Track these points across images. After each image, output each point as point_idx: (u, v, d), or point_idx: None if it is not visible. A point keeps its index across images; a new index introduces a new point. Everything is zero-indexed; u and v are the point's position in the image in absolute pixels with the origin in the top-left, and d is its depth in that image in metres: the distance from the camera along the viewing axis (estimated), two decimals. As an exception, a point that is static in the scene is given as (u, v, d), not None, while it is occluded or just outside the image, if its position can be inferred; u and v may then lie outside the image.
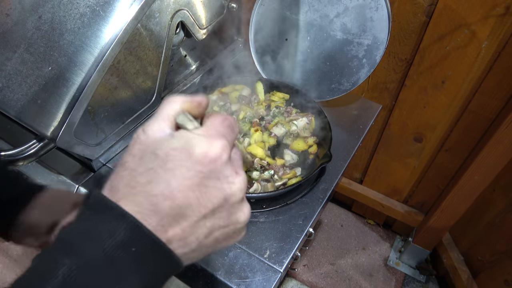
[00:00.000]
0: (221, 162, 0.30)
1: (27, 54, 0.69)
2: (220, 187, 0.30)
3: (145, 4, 0.74)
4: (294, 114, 0.92)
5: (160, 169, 0.28)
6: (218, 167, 0.29)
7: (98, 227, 0.27)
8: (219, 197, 0.30)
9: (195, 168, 0.29)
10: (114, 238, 0.27)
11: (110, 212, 0.28)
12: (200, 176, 0.29)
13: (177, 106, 0.32)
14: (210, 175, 0.29)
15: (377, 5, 0.87)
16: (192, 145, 0.29)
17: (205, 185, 0.29)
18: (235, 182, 0.31)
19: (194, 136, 0.30)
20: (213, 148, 0.29)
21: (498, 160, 1.17)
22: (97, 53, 0.70)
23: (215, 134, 0.30)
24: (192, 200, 0.29)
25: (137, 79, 0.86)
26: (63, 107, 0.70)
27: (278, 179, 0.80)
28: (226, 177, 0.30)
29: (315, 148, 0.86)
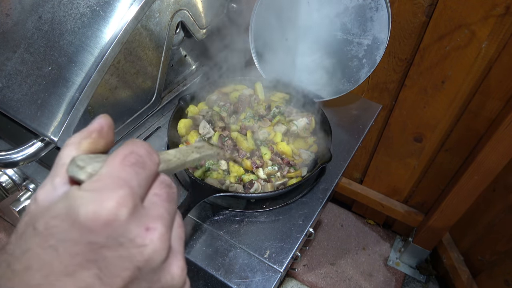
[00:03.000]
0: (119, 223, 0.22)
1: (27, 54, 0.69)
2: (126, 255, 0.22)
3: (145, 4, 0.74)
4: (294, 114, 0.92)
5: (39, 248, 0.21)
6: (117, 230, 0.22)
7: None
8: (130, 268, 0.22)
9: (84, 239, 0.21)
10: None
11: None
12: (93, 248, 0.21)
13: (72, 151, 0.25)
14: (108, 243, 0.22)
15: (377, 5, 0.87)
16: (75, 208, 0.21)
17: (103, 258, 0.22)
18: (146, 243, 0.23)
19: (79, 194, 0.22)
20: (104, 206, 0.21)
21: (498, 160, 1.17)
22: (97, 53, 0.70)
23: (109, 184, 0.22)
24: (90, 282, 0.21)
25: (137, 79, 0.86)
26: (63, 107, 0.70)
27: (280, 177, 0.80)
28: (131, 240, 0.22)
29: (315, 148, 0.86)
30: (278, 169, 0.80)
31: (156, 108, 0.97)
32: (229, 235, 0.72)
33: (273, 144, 0.85)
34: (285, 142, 0.85)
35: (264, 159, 0.82)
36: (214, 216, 0.75)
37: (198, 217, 0.75)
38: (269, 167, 0.80)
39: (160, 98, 0.97)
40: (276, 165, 0.81)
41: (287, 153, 0.83)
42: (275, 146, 0.84)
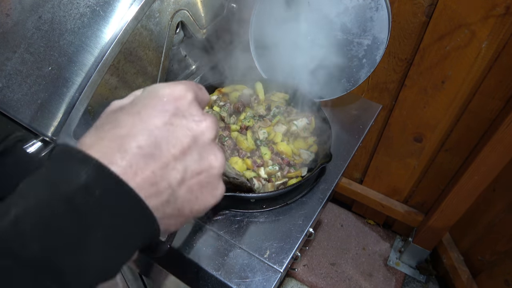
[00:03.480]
0: (186, 101, 0.30)
1: (27, 54, 0.69)
2: (187, 125, 0.29)
3: (145, 4, 0.74)
4: (294, 114, 0.92)
5: (125, 114, 0.28)
6: (184, 105, 0.29)
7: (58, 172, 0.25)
8: (188, 136, 0.29)
9: (160, 107, 0.28)
10: (74, 182, 0.24)
11: (72, 158, 0.25)
12: (166, 114, 0.28)
13: None
14: (177, 113, 0.29)
15: (377, 5, 0.87)
16: (157, 89, 0.30)
17: (171, 123, 0.28)
18: (202, 120, 0.30)
19: (159, 84, 0.30)
20: (177, 88, 0.30)
21: (498, 160, 1.17)
22: (97, 53, 0.70)
23: (177, 82, 0.31)
24: (160, 139, 0.27)
25: (137, 79, 0.86)
26: (63, 107, 0.70)
27: (280, 177, 0.80)
28: (192, 115, 0.30)
29: (315, 148, 0.86)
30: (278, 169, 0.80)
31: None
32: (229, 235, 0.72)
33: (273, 144, 0.85)
34: (285, 142, 0.85)
35: (264, 158, 0.82)
36: (214, 216, 0.75)
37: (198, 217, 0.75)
38: (269, 167, 0.80)
39: (160, 98, 0.97)
40: (276, 164, 0.81)
41: (287, 153, 0.83)
42: (275, 146, 0.84)
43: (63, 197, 0.24)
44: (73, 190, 0.24)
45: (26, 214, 0.23)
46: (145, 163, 0.26)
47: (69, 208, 0.23)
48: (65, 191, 0.24)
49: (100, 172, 0.25)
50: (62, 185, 0.24)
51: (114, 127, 0.27)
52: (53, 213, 0.23)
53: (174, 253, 0.69)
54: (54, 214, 0.23)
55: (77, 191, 0.24)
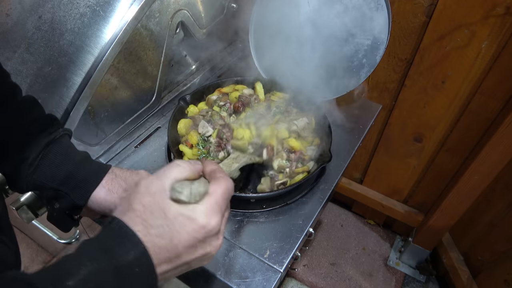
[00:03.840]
0: (213, 233, 0.40)
1: (27, 54, 0.69)
2: (204, 248, 0.40)
3: (145, 4, 0.74)
4: (294, 114, 0.92)
5: (168, 228, 0.38)
6: (210, 237, 0.40)
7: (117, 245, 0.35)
8: (201, 254, 0.41)
9: (193, 235, 0.39)
10: (125, 257, 0.34)
11: (128, 238, 0.36)
12: (195, 241, 0.39)
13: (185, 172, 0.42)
14: (202, 241, 0.40)
15: (377, 5, 0.87)
16: (197, 217, 0.39)
17: (195, 247, 0.40)
18: (215, 245, 0.42)
19: (200, 208, 0.39)
20: (211, 223, 0.39)
21: (498, 160, 1.17)
22: (97, 53, 0.70)
23: (216, 209, 0.40)
24: (183, 255, 0.39)
25: (137, 79, 0.86)
26: (63, 107, 0.70)
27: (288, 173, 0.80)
28: (211, 242, 0.41)
29: (317, 142, 0.86)
30: (289, 165, 0.81)
31: (156, 108, 0.97)
32: (229, 235, 0.72)
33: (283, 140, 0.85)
34: (295, 139, 0.85)
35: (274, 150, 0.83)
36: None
37: (198, 217, 0.75)
38: (282, 160, 0.80)
39: (160, 98, 0.97)
40: (287, 160, 0.81)
41: (298, 147, 0.83)
42: (285, 142, 0.84)
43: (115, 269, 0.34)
44: (122, 264, 0.34)
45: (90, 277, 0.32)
46: (166, 264, 0.38)
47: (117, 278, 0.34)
48: (117, 264, 0.34)
49: (143, 257, 0.36)
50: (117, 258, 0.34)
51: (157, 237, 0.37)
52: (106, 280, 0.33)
53: (174, 253, 0.69)
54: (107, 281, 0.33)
55: (124, 266, 0.34)
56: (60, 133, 0.58)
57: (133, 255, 0.35)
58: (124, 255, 0.35)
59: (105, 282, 0.33)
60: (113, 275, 0.33)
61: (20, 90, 0.56)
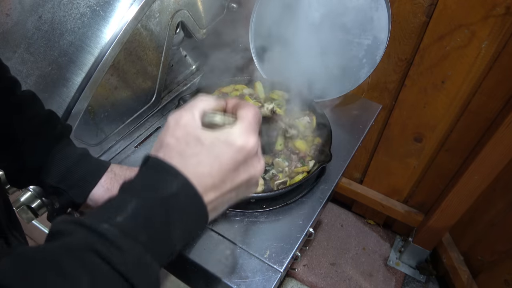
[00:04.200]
0: (253, 153, 0.39)
1: (27, 54, 0.69)
2: (247, 170, 0.39)
3: (145, 4, 0.74)
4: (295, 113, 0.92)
5: (206, 154, 0.36)
6: (250, 157, 0.39)
7: (158, 180, 0.35)
8: (245, 177, 0.39)
9: (234, 157, 0.37)
10: (168, 190, 0.34)
11: (167, 170, 0.35)
12: (237, 163, 0.37)
13: (203, 104, 0.40)
14: (243, 162, 0.38)
15: (377, 5, 0.87)
16: (233, 138, 0.37)
17: (238, 169, 0.38)
18: (258, 167, 0.40)
19: (234, 130, 0.38)
20: (249, 143, 0.38)
21: (498, 160, 1.17)
22: (97, 53, 0.70)
23: (250, 129, 0.39)
24: (227, 179, 0.37)
25: (137, 79, 0.86)
26: (63, 107, 0.70)
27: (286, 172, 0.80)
28: (253, 163, 0.39)
29: (318, 140, 0.86)
30: (288, 164, 0.80)
31: (156, 108, 0.97)
32: (229, 235, 0.72)
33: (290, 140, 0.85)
34: (301, 141, 0.85)
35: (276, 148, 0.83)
36: (214, 216, 0.75)
37: (198, 217, 0.75)
38: (280, 159, 0.80)
39: (160, 98, 0.97)
40: (286, 160, 0.81)
41: (303, 149, 0.83)
42: (291, 143, 0.84)
43: (161, 200, 0.33)
44: (167, 196, 0.34)
45: (138, 211, 0.32)
46: (213, 192, 0.37)
47: (165, 210, 0.33)
48: (162, 196, 0.33)
49: (185, 187, 0.35)
50: (160, 191, 0.34)
51: (197, 165, 0.36)
52: (155, 213, 0.33)
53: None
54: (156, 213, 0.33)
55: (169, 197, 0.34)
56: (60, 129, 0.58)
57: (176, 187, 0.34)
58: (167, 188, 0.34)
59: (154, 214, 0.32)
60: (161, 207, 0.33)
61: (19, 85, 0.56)
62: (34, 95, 0.57)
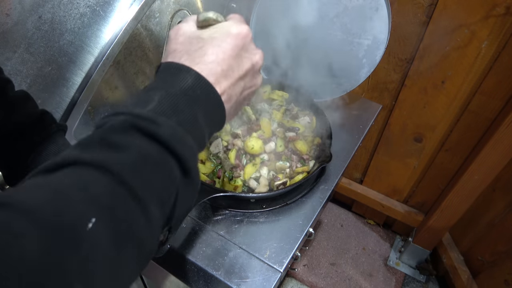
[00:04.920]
0: (249, 39, 0.42)
1: (27, 54, 0.69)
2: (249, 57, 0.42)
3: (145, 4, 0.74)
4: (296, 113, 0.92)
5: (209, 45, 0.39)
6: (248, 41, 0.42)
7: (173, 78, 0.37)
8: (249, 64, 0.42)
9: (234, 43, 0.40)
10: (185, 83, 0.37)
11: (180, 69, 0.38)
12: (237, 48, 0.40)
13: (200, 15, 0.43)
14: (243, 48, 0.41)
15: (377, 5, 0.87)
16: (229, 28, 0.41)
17: (240, 55, 0.41)
18: (257, 53, 0.43)
19: (228, 23, 0.42)
20: (243, 30, 0.41)
21: (498, 160, 1.17)
22: (97, 53, 0.70)
23: (241, 20, 0.43)
24: (233, 65, 0.40)
25: (137, 79, 0.86)
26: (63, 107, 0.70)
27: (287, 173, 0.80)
28: (252, 49, 0.43)
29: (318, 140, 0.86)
30: (289, 166, 0.81)
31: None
32: (229, 235, 0.72)
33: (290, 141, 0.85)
34: (302, 141, 0.85)
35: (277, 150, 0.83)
36: (214, 216, 0.75)
37: (198, 217, 0.75)
38: (280, 162, 0.80)
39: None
40: (287, 161, 0.81)
41: (304, 151, 0.83)
42: (292, 144, 0.84)
43: (182, 91, 0.36)
44: (185, 87, 0.37)
45: (164, 100, 0.35)
46: (225, 80, 0.40)
47: (187, 98, 0.36)
48: (181, 87, 0.36)
49: (199, 80, 0.37)
50: (178, 85, 0.37)
51: (204, 55, 0.39)
52: (179, 101, 0.36)
53: (174, 253, 0.69)
54: (180, 101, 0.36)
55: (188, 89, 0.37)
56: (54, 129, 0.57)
57: (191, 80, 0.37)
58: (183, 82, 0.37)
59: (179, 102, 0.35)
60: (183, 97, 0.36)
61: (12, 86, 0.56)
62: (27, 95, 0.57)
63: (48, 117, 0.58)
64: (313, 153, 0.84)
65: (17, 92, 0.56)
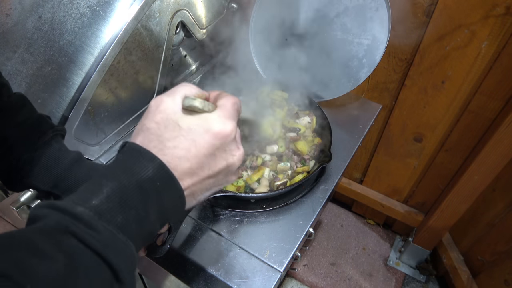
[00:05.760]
0: (230, 139, 0.39)
1: (27, 54, 0.69)
2: (225, 157, 0.39)
3: (145, 4, 0.74)
4: (296, 113, 0.92)
5: (183, 138, 0.37)
6: (227, 142, 0.39)
7: (133, 165, 0.35)
8: (223, 165, 0.39)
9: (210, 142, 0.37)
10: (144, 174, 0.34)
11: (143, 155, 0.35)
12: (213, 148, 0.38)
13: (193, 91, 0.40)
14: (220, 148, 0.38)
15: (377, 5, 0.87)
16: (210, 123, 0.38)
17: (215, 155, 0.38)
18: (236, 154, 0.40)
19: (212, 116, 0.38)
20: (226, 129, 0.38)
21: (498, 160, 1.17)
22: (97, 53, 0.70)
23: (228, 116, 0.39)
24: (204, 164, 0.38)
25: (137, 79, 0.86)
26: (63, 107, 0.70)
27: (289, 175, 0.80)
28: (231, 150, 0.40)
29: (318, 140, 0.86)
30: (290, 166, 0.80)
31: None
32: (229, 235, 0.72)
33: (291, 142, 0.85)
34: (303, 142, 0.85)
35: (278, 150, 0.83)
36: (214, 216, 0.75)
37: (198, 217, 0.75)
38: (282, 163, 0.80)
39: (160, 98, 0.97)
40: (289, 161, 0.81)
41: (304, 151, 0.83)
42: (293, 144, 0.84)
43: (137, 183, 0.34)
44: (144, 178, 0.34)
45: (113, 194, 0.33)
46: (190, 178, 0.37)
47: (141, 192, 0.34)
48: (138, 179, 0.34)
49: (161, 171, 0.35)
50: (136, 175, 0.34)
51: (174, 148, 0.36)
52: (130, 195, 0.33)
53: (174, 253, 0.69)
54: (131, 196, 0.33)
55: (145, 180, 0.34)
56: (51, 134, 0.56)
57: (152, 170, 0.34)
58: (142, 172, 0.34)
59: (130, 197, 0.33)
60: (136, 190, 0.34)
61: (8, 89, 0.55)
62: (25, 99, 0.56)
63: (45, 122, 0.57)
64: (313, 153, 0.84)
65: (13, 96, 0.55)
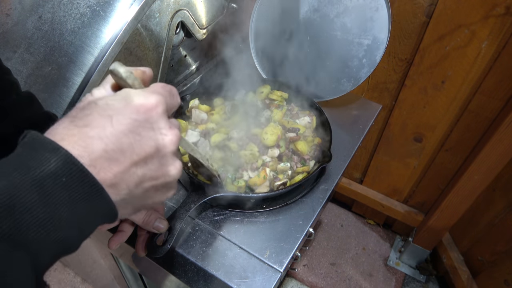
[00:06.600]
0: (156, 113, 0.32)
1: (27, 54, 0.69)
2: (153, 137, 0.32)
3: (145, 4, 0.74)
4: (296, 112, 0.92)
5: (97, 115, 0.30)
6: (153, 117, 0.32)
7: (30, 159, 0.28)
8: (151, 146, 0.32)
9: (130, 116, 0.30)
10: (44, 168, 0.27)
11: (44, 146, 0.28)
12: (135, 124, 0.30)
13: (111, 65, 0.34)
14: (145, 124, 0.31)
15: (377, 5, 0.87)
16: (130, 96, 0.31)
17: (138, 133, 0.31)
18: (168, 134, 0.33)
19: (134, 91, 0.32)
20: (149, 100, 0.31)
21: (498, 160, 1.17)
22: (97, 53, 0.70)
23: (153, 91, 0.33)
24: (125, 146, 0.30)
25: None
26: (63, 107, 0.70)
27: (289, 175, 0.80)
28: (160, 128, 0.32)
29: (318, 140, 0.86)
30: (290, 167, 0.80)
31: None
32: (229, 235, 0.72)
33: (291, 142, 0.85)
34: (303, 142, 0.85)
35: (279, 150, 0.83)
36: (214, 216, 0.75)
37: (198, 217, 0.75)
38: (282, 164, 0.80)
39: (160, 98, 0.97)
40: (288, 161, 0.81)
41: (304, 151, 0.83)
42: (293, 145, 0.84)
43: (34, 181, 0.27)
44: (43, 175, 0.27)
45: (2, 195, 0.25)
46: (108, 166, 0.29)
47: (39, 191, 0.27)
48: (36, 175, 0.27)
49: (67, 163, 0.28)
50: (33, 170, 0.27)
51: (86, 126, 0.29)
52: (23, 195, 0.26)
53: (174, 253, 0.69)
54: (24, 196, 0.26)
55: (46, 177, 0.27)
56: None
57: (55, 163, 0.27)
58: (42, 167, 0.27)
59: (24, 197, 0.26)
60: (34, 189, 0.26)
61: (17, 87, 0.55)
62: (32, 97, 0.56)
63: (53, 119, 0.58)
64: (313, 153, 0.84)
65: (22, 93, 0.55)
